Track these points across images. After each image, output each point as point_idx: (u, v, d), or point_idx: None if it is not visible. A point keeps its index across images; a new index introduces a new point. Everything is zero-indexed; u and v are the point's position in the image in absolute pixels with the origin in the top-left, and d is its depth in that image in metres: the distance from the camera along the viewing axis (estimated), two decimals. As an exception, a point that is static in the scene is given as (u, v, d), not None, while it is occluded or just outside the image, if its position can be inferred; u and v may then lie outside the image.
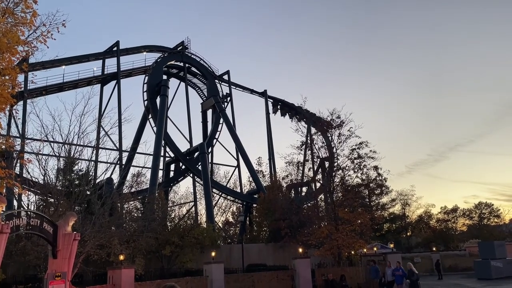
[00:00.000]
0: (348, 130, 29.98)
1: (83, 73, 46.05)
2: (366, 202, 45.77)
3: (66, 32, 13.47)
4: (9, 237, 12.77)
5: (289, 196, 39.89)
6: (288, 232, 33.79)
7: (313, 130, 35.72)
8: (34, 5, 11.77)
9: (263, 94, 63.01)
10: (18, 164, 27.06)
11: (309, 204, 39.90)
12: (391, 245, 31.63)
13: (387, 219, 57.62)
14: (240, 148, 52.68)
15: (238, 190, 54.07)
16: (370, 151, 30.34)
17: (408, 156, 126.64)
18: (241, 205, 51.61)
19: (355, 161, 30.34)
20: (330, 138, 31.23)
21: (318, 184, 39.23)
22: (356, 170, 30.63)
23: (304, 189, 44.62)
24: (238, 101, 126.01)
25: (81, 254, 20.59)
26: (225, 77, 60.00)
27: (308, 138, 36.56)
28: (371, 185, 37.70)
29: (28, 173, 25.79)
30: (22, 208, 24.62)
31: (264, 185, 48.54)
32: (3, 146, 13.19)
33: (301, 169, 39.33)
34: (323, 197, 40.01)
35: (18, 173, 25.64)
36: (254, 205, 46.81)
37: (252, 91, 62.98)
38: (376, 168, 31.79)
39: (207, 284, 22.26)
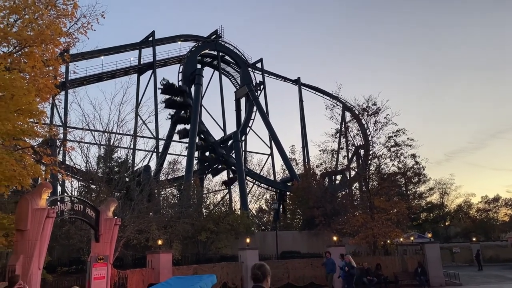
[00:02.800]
0: (384, 117, 29.35)
1: (120, 63, 47.27)
2: (403, 191, 44.83)
3: (104, 23, 13.82)
4: (55, 221, 13.42)
5: (323, 184, 39.63)
6: (322, 220, 33.66)
7: (347, 117, 35.10)
8: (74, -3, 12.14)
9: (297, 81, 62.50)
10: (61, 152, 28.29)
11: (344, 193, 39.53)
12: (429, 235, 30.87)
13: (425, 208, 56.27)
14: (273, 136, 52.67)
15: (272, 178, 54.23)
16: (408, 138, 29.57)
17: (447, 144, 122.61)
18: (274, 193, 51.78)
19: (391, 149, 29.67)
20: (365, 125, 30.66)
21: (352, 173, 38.73)
22: (392, 158, 29.98)
23: (338, 177, 44.18)
24: (271, 89, 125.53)
25: (122, 239, 21.36)
26: (258, 65, 59.89)
27: (343, 125, 36.00)
28: (408, 173, 36.86)
29: (72, 160, 26.90)
30: (66, 194, 25.74)
31: (298, 173, 48.44)
32: (48, 135, 13.75)
33: (335, 157, 38.89)
34: (357, 185, 39.48)
35: (61, 160, 26.78)
36: (288, 193, 46.90)
37: (285, 79, 62.59)
38: (413, 156, 31.00)
39: (242, 269, 22.60)
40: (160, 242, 21.22)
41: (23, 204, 12.47)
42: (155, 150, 42.10)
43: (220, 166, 50.77)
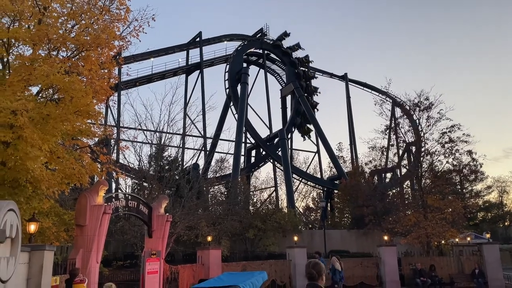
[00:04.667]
0: (437, 113, 28.14)
1: (169, 64, 48.59)
2: (458, 189, 42.76)
3: (153, 25, 14.21)
4: (110, 217, 14.03)
5: (373, 182, 38.66)
6: (372, 219, 32.87)
7: (398, 113, 34.01)
8: (127, 1, 12.60)
9: (343, 77, 61.37)
10: (115, 151, 29.56)
11: (394, 191, 38.36)
12: (487, 235, 29.21)
13: (482, 207, 53.39)
14: (320, 134, 52.06)
15: (318, 175, 53.65)
16: (463, 134, 28.15)
17: (505, 139, 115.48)
18: (321, 191, 51.20)
19: (445, 145, 28.38)
20: (417, 121, 29.54)
21: (403, 170, 37.49)
22: (447, 155, 28.67)
23: (388, 175, 42.93)
24: (317, 86, 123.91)
25: (173, 235, 21.98)
26: (304, 62, 59.36)
27: (393, 121, 34.93)
28: (464, 171, 35.09)
29: (125, 158, 28.02)
30: (120, 191, 26.87)
31: (345, 171, 47.59)
32: (103, 135, 14.38)
33: (385, 154, 37.78)
34: (409, 183, 38.18)
35: (115, 159, 27.99)
36: (335, 191, 46.17)
37: (331, 75, 61.66)
38: (469, 152, 29.48)
39: (290, 267, 22.53)
40: (209, 238, 21.61)
41: (82, 201, 13.13)
42: (203, 149, 42.93)
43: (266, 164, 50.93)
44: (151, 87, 46.54)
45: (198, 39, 50.84)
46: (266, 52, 56.26)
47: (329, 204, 47.17)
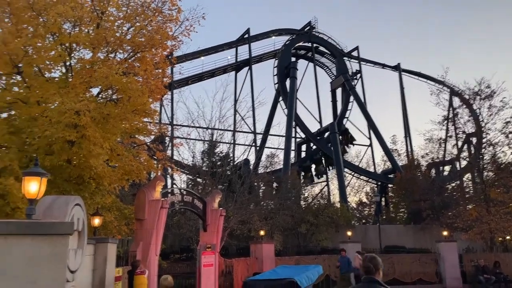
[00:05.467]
0: (500, 101, 26.49)
1: (218, 62, 49.35)
2: (525, 181, 39.98)
3: (203, 24, 14.49)
4: (167, 211, 14.56)
5: (430, 176, 37.11)
6: (429, 214, 31.60)
7: (456, 103, 32.31)
8: (178, 2, 12.97)
9: (396, 68, 59.26)
10: (169, 148, 30.57)
11: (453, 184, 36.61)
12: (561, 231, 27.17)
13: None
14: (372, 126, 50.70)
15: (371, 170, 52.33)
16: (530, 123, 26.32)
17: None
18: (375, 185, 49.92)
19: (509, 135, 26.67)
20: (477, 111, 27.97)
21: (463, 162, 35.67)
22: (511, 145, 26.94)
23: (447, 167, 41.00)
24: (369, 78, 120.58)
25: (226, 229, 22.42)
26: (354, 53, 58.02)
27: (451, 112, 33.27)
28: (532, 161, 32.76)
29: (180, 154, 28.90)
30: (175, 187, 27.76)
31: (400, 164, 46.05)
32: (159, 132, 14.93)
33: (443, 146, 36.09)
34: (469, 176, 36.25)
35: (169, 155, 28.94)
36: (390, 185, 44.80)
37: (383, 66, 59.75)
38: (537, 142, 27.51)
39: (344, 263, 22.22)
40: (262, 232, 21.82)
41: (141, 196, 13.74)
42: (253, 144, 43.29)
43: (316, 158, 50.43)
44: (202, 85, 47.48)
45: (246, 36, 51.17)
46: (315, 45, 55.57)
47: (383, 199, 45.91)
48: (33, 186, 5.73)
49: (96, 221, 11.14)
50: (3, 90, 12.07)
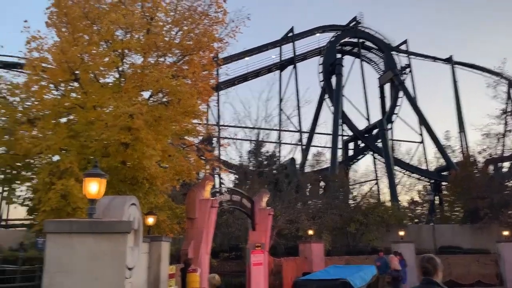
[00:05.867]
0: None
1: (263, 62, 49.49)
2: None
3: (248, 24, 14.57)
4: (217, 210, 14.80)
5: (487, 173, 35.17)
6: (488, 213, 29.97)
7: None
8: (224, 4, 13.16)
9: (449, 60, 56.67)
10: (216, 148, 31.08)
11: (514, 181, 34.51)
12: None
13: None
14: (424, 122, 48.82)
15: (423, 167, 50.40)
16: None
17: None
18: (428, 183, 48.04)
19: None
20: (540, 102, 26.16)
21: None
22: None
23: (507, 164, 38.69)
24: (419, 72, 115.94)
25: (274, 228, 22.44)
26: (403, 47, 56.12)
27: (510, 105, 31.36)
28: None
29: (227, 154, 29.32)
30: (223, 186, 28.17)
31: (455, 161, 44.03)
32: (208, 133, 15.23)
33: (502, 141, 34.09)
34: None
35: (217, 155, 29.41)
36: (444, 183, 42.94)
37: (434, 59, 57.35)
38: None
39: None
40: (311, 232, 21.64)
41: (191, 196, 14.04)
42: (300, 143, 43.05)
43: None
44: (248, 85, 47.86)
45: (290, 34, 50.97)
46: (361, 40, 54.34)
47: (437, 197, 44.12)
48: (94, 187, 6.02)
49: (150, 220, 11.53)
50: (62, 96, 12.80)
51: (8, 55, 27.31)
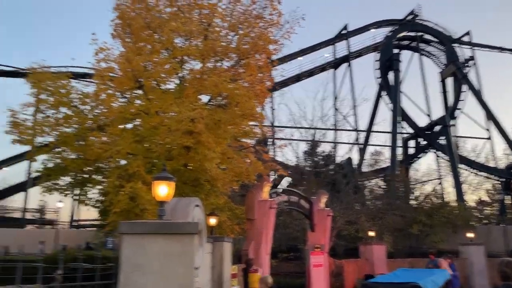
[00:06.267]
0: None
1: (316, 61, 49.01)
2: None
3: (302, 24, 14.51)
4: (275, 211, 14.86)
5: None
6: None
7: None
8: (278, 6, 13.23)
9: (517, 49, 52.93)
10: (272, 149, 31.20)
11: None
12: None
13: None
14: (491, 117, 45.93)
15: (492, 165, 47.32)
16: None
17: None
18: (497, 182, 45.06)
19: None
20: None
21: None
22: None
23: None
24: (484, 64, 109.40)
25: (333, 229, 22.14)
26: (465, 38, 53.15)
27: None
28: None
29: (283, 155, 29.36)
30: (280, 187, 28.23)
31: (527, 157, 41.00)
32: (264, 134, 15.36)
33: None
34: None
35: (273, 156, 29.53)
36: (515, 181, 40.14)
37: (501, 49, 53.80)
38: None
39: (466, 266, 20.48)
40: (371, 233, 21.11)
41: (250, 197, 14.23)
42: (357, 142, 42.12)
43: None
44: (301, 85, 47.60)
45: (344, 32, 50.07)
46: (419, 33, 52.16)
47: (508, 197, 41.31)
48: (163, 190, 6.29)
49: (212, 221, 11.82)
50: (127, 103, 13.51)
51: (78, 66, 29.64)
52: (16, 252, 21.53)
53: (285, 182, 31.60)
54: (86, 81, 16.00)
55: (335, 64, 49.96)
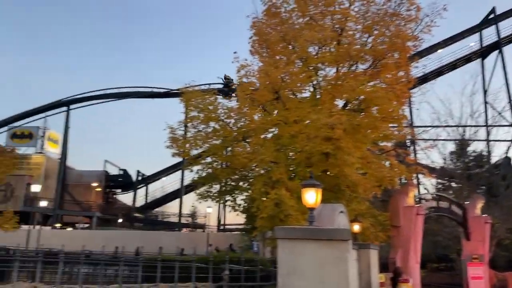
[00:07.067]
0: None
1: (458, 52, 44.49)
2: None
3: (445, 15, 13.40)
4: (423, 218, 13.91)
5: None
6: None
7: None
8: (416, 0, 12.48)
9: None
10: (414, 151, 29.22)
11: None
12: None
13: None
14: None
15: None
16: None
17: None
18: None
19: None
20: None
21: None
22: None
23: None
24: None
25: (493, 238, 19.73)
26: None
27: None
28: None
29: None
30: (425, 192, 26.28)
31: None
32: (407, 136, 14.55)
33: None
34: None
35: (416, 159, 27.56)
36: None
37: None
38: None
39: None
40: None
41: (394, 203, 13.63)
42: (514, 139, 36.74)
43: None
44: (443, 80, 43.66)
45: (491, 16, 44.51)
46: None
47: None
48: (311, 196, 6.46)
49: (356, 227, 11.62)
50: (267, 114, 14.22)
51: (221, 83, 33.07)
52: (190, 254, 23.47)
53: (430, 186, 29.25)
54: (228, 95, 17.34)
55: (483, 53, 44.68)
